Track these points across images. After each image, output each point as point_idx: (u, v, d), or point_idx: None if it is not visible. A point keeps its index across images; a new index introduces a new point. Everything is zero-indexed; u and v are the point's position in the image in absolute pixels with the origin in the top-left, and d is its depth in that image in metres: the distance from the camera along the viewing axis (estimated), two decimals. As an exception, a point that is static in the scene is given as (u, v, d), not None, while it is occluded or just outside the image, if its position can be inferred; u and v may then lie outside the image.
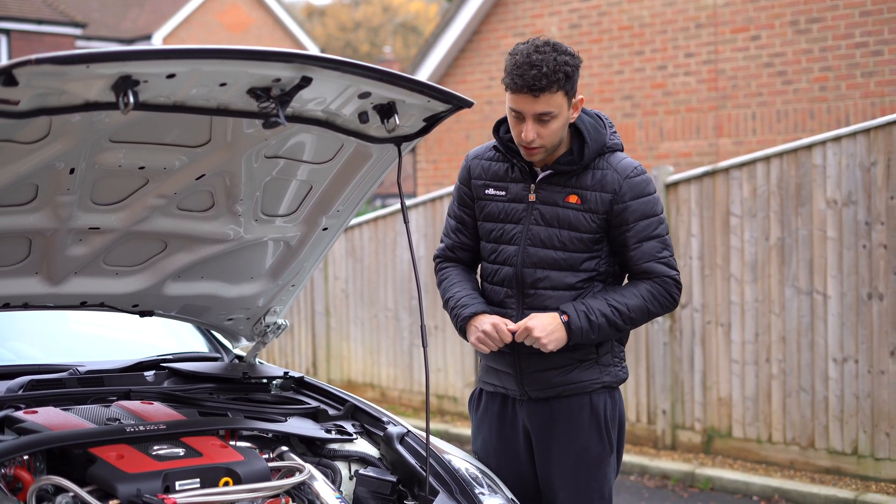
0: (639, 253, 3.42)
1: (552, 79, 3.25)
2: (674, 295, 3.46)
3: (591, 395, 3.48)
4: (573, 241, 3.41)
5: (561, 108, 3.30)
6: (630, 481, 7.38)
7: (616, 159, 3.46)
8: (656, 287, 3.43)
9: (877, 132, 6.59)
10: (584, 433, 3.47)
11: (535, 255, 3.44)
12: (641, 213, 3.41)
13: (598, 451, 3.48)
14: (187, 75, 2.58)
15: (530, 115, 3.30)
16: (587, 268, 3.44)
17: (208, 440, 3.12)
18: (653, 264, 3.42)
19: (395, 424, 3.52)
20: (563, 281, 3.42)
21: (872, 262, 6.62)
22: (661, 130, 10.74)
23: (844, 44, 9.36)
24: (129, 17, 28.32)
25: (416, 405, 9.61)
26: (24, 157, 2.74)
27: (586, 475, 3.48)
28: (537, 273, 3.43)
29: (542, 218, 3.44)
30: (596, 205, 3.40)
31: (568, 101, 3.33)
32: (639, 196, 3.42)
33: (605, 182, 3.41)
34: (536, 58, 3.26)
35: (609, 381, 3.50)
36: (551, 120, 3.30)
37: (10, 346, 4.11)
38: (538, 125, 3.31)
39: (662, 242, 3.44)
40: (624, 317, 3.39)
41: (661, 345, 7.73)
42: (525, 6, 11.86)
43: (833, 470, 6.87)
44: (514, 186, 3.49)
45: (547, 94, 3.26)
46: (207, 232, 3.35)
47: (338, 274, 10.27)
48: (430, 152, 12.93)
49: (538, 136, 3.32)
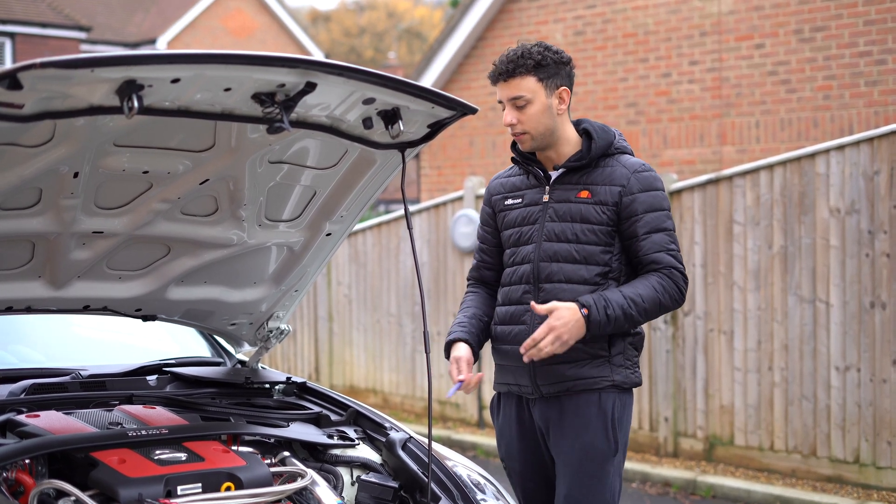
0: (648, 243, 3.48)
1: (518, 63, 3.46)
2: (681, 288, 3.51)
3: (601, 393, 3.50)
4: (585, 233, 3.50)
5: (535, 94, 3.48)
6: (632, 489, 7.37)
7: (624, 158, 3.59)
8: (665, 279, 3.48)
9: (880, 141, 6.59)
10: (591, 429, 3.49)
11: (550, 249, 3.53)
12: (650, 205, 3.50)
13: (603, 448, 3.50)
14: (192, 80, 2.58)
15: (506, 100, 3.51)
16: (600, 261, 3.50)
17: (210, 445, 3.11)
18: (662, 254, 3.49)
19: (398, 430, 3.52)
20: (578, 274, 3.49)
21: (875, 270, 6.62)
22: (665, 138, 10.73)
23: (848, 53, 9.36)
24: (134, 21, 28.36)
25: (419, 411, 9.61)
26: (28, 161, 2.74)
27: (592, 471, 3.49)
28: (552, 266, 3.52)
29: (556, 214, 3.55)
30: (605, 197, 3.51)
31: (546, 90, 3.49)
32: (647, 189, 3.52)
33: (614, 176, 3.53)
34: (512, 49, 3.52)
35: (620, 380, 3.52)
36: (527, 105, 3.48)
37: (12, 349, 4.11)
38: (516, 111, 3.50)
39: (670, 236, 3.52)
40: (639, 308, 3.43)
41: (663, 352, 7.72)
42: (530, 13, 11.87)
43: (835, 478, 6.86)
44: (529, 192, 3.64)
45: (517, 79, 3.47)
46: (211, 237, 3.36)
47: (341, 279, 10.27)
48: (433, 158, 12.93)
49: (518, 121, 3.50)
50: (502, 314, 3.63)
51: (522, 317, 3.55)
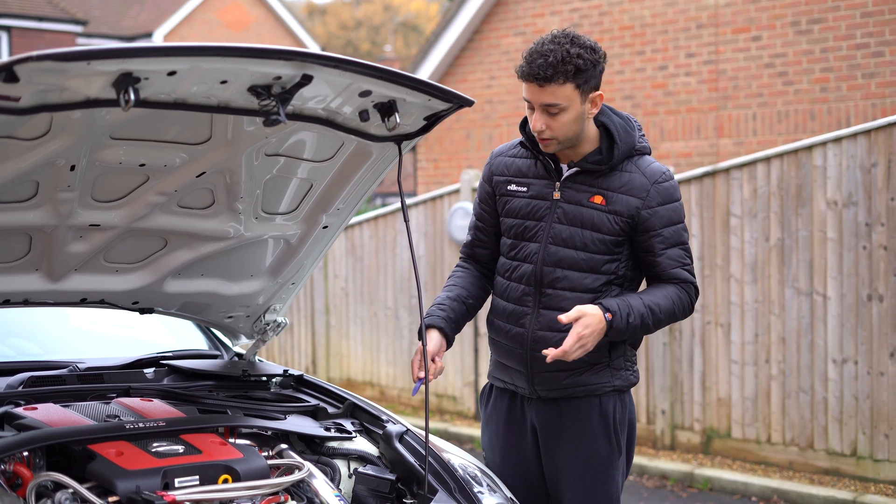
0: (665, 259, 3.38)
1: (558, 69, 3.19)
2: (693, 300, 3.44)
3: (601, 398, 3.45)
4: (595, 242, 3.36)
5: (571, 102, 3.24)
6: (629, 481, 7.37)
7: (644, 163, 3.41)
8: (682, 292, 3.41)
9: (877, 133, 6.60)
10: (593, 436, 3.45)
11: (555, 255, 3.39)
12: (668, 219, 3.39)
13: (606, 454, 3.46)
14: (188, 72, 2.57)
15: (538, 104, 3.26)
16: (606, 270, 3.39)
17: (208, 437, 3.12)
18: (679, 271, 3.40)
19: (395, 423, 3.52)
20: (582, 283, 3.38)
21: (872, 263, 6.63)
22: (662, 131, 10.73)
23: (845, 45, 9.36)
24: (130, 14, 28.33)
25: (416, 404, 9.61)
26: (24, 154, 2.74)
27: (594, 478, 3.46)
28: (556, 272, 3.39)
29: (566, 217, 3.39)
30: (621, 207, 3.35)
31: (581, 96, 3.26)
32: (666, 202, 3.39)
33: (632, 186, 3.36)
34: (548, 48, 3.22)
35: (620, 384, 3.46)
36: (560, 112, 3.25)
37: (10, 342, 4.11)
38: (546, 116, 3.27)
39: (685, 250, 3.43)
40: (655, 318, 3.35)
41: (660, 345, 7.73)
42: (526, 5, 11.86)
43: (832, 471, 6.87)
44: (537, 183, 3.45)
45: (553, 86, 3.21)
46: (208, 229, 3.35)
47: (338, 272, 10.27)
48: (430, 151, 12.93)
49: (547, 127, 3.27)
50: (500, 309, 3.52)
51: (521, 319, 3.44)
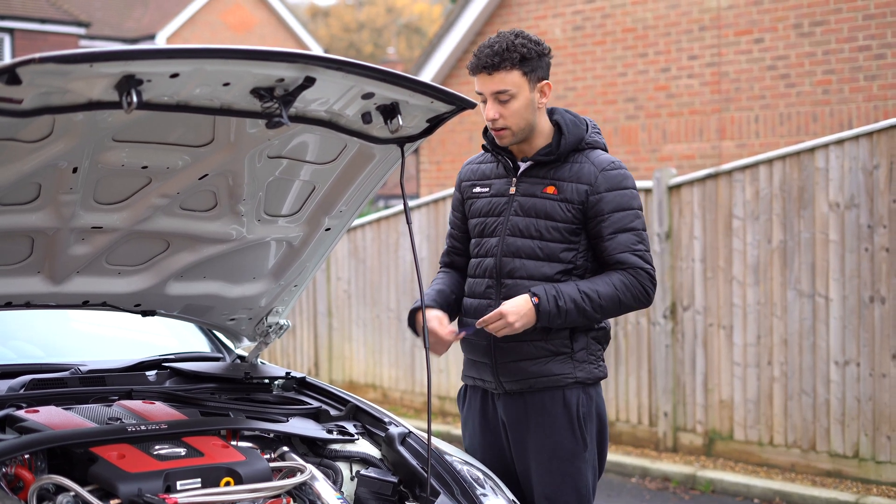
0: (613, 244, 3.46)
1: (504, 57, 3.39)
2: (647, 288, 3.48)
3: (565, 390, 3.51)
4: (549, 231, 3.48)
5: (519, 88, 3.42)
6: (631, 483, 7.38)
7: (595, 154, 3.55)
8: (629, 278, 3.46)
9: (879, 135, 6.59)
10: (557, 428, 3.51)
11: (513, 245, 3.52)
12: (617, 204, 3.47)
13: (571, 447, 3.51)
14: (191, 75, 2.57)
15: (489, 94, 3.44)
16: (564, 259, 3.49)
17: (210, 440, 3.12)
18: (627, 255, 3.46)
19: (397, 425, 3.52)
20: (540, 271, 3.49)
21: (874, 265, 6.62)
22: (664, 133, 10.73)
23: (847, 47, 9.36)
24: (133, 16, 28.34)
25: (418, 406, 9.61)
26: (26, 156, 2.74)
27: (560, 470, 3.51)
28: (514, 262, 3.51)
29: (521, 209, 3.53)
30: (572, 195, 3.48)
31: (529, 84, 3.44)
32: (614, 188, 3.49)
33: (581, 174, 3.50)
34: (494, 40, 3.44)
35: (583, 377, 3.52)
36: (510, 99, 3.42)
37: (11, 345, 4.11)
38: (498, 105, 3.43)
39: (638, 236, 3.49)
40: (594, 304, 3.42)
41: (662, 347, 7.72)
42: (529, 8, 11.86)
43: (834, 473, 6.87)
44: (497, 182, 3.62)
45: (501, 73, 3.40)
46: (210, 232, 3.35)
47: (340, 274, 10.27)
48: (433, 153, 12.93)
49: (500, 115, 3.44)
50: (467, 306, 3.66)
51: (485, 311, 3.53)
